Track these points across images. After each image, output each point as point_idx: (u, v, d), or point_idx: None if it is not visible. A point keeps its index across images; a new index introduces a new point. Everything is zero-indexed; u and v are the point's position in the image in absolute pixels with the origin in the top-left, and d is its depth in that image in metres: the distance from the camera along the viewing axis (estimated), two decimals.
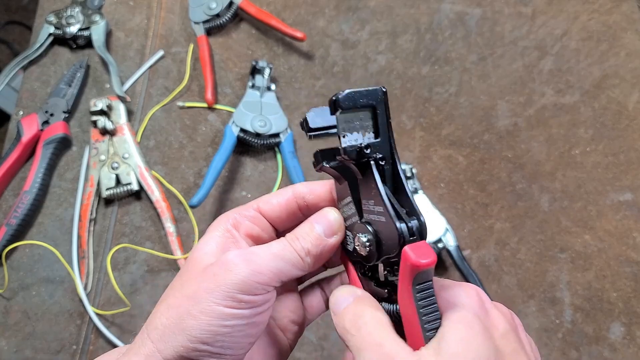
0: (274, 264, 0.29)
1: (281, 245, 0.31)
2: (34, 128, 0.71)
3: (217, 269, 0.29)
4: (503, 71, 0.75)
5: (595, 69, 0.74)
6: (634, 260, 0.64)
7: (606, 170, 0.69)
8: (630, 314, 0.61)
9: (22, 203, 0.67)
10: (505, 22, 0.78)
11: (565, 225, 0.66)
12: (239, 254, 0.30)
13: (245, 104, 0.71)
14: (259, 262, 0.29)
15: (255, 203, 0.34)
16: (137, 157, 0.69)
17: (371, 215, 0.29)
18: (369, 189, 0.29)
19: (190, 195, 0.68)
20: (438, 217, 0.65)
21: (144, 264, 0.65)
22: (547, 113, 0.72)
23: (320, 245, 0.31)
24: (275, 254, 0.30)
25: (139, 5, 0.82)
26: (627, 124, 0.71)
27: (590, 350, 0.60)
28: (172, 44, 0.79)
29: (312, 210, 0.33)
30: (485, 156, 0.70)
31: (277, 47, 0.78)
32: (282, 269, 0.30)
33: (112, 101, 0.71)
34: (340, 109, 0.27)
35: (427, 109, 0.73)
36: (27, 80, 0.77)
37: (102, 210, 0.69)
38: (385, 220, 0.28)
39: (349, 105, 0.27)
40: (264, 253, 0.30)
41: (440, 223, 0.64)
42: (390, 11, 0.80)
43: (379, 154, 0.28)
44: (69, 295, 0.64)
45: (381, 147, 0.28)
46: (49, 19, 0.77)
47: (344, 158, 0.28)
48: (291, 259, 0.30)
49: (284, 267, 0.30)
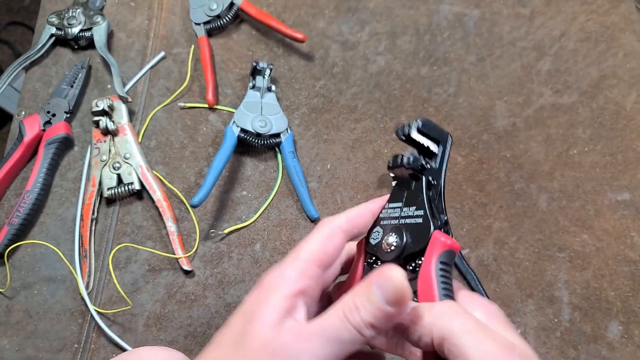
0: (330, 349, 0.27)
1: (337, 322, 0.27)
2: (36, 128, 0.71)
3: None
4: (501, 72, 0.76)
5: (593, 70, 0.75)
6: (632, 259, 0.64)
7: (604, 170, 0.69)
8: (628, 312, 0.62)
9: (24, 202, 0.67)
10: (504, 23, 0.79)
11: (563, 225, 0.66)
12: (294, 340, 0.27)
13: (245, 104, 0.71)
14: (314, 350, 0.27)
15: (299, 254, 0.31)
16: (139, 157, 0.70)
17: (408, 220, 0.35)
18: (415, 197, 0.36)
19: (191, 195, 0.68)
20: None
21: (145, 263, 0.66)
22: (545, 113, 0.73)
23: (384, 318, 0.27)
24: (331, 336, 0.27)
25: (140, 6, 0.82)
26: (625, 124, 0.71)
27: (588, 349, 0.60)
28: (173, 45, 0.79)
29: (356, 236, 0.34)
30: (483, 156, 0.71)
31: (278, 48, 0.79)
32: (340, 351, 0.27)
33: (113, 101, 0.72)
34: (418, 130, 0.36)
35: (426, 110, 0.74)
36: (29, 80, 0.78)
37: (103, 210, 0.69)
38: (421, 221, 0.34)
39: (426, 130, 0.37)
40: (318, 337, 0.27)
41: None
42: (389, 12, 0.81)
43: (431, 175, 0.36)
44: (70, 294, 0.64)
45: (435, 173, 0.36)
46: (51, 20, 0.78)
47: (409, 165, 0.36)
48: (350, 339, 0.27)
49: (342, 348, 0.27)
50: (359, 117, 0.74)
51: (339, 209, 0.68)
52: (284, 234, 0.67)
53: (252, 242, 0.67)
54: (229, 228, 0.67)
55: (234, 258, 0.66)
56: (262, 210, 0.68)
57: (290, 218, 0.68)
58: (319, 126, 0.74)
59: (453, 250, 0.32)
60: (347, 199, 0.69)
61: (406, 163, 0.36)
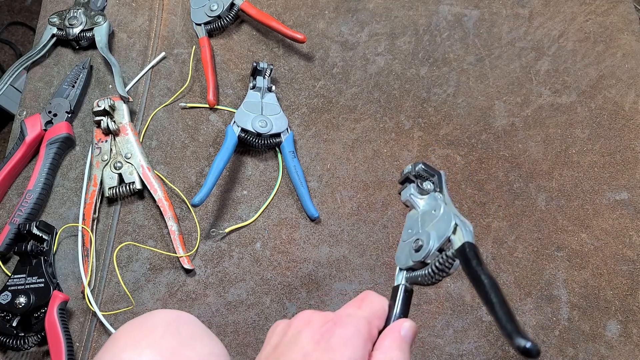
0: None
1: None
2: (38, 128, 0.72)
3: None
4: (500, 72, 0.76)
5: (592, 70, 0.75)
6: (630, 258, 0.64)
7: (602, 169, 0.69)
8: (627, 311, 0.62)
9: (25, 202, 0.67)
10: (503, 24, 0.79)
11: (562, 224, 0.67)
12: None
13: (246, 104, 0.72)
14: None
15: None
16: (140, 157, 0.70)
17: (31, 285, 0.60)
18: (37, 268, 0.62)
19: (192, 194, 0.69)
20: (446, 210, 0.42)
21: (147, 262, 0.66)
22: (544, 113, 0.73)
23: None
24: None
25: (141, 6, 0.83)
26: (624, 124, 0.72)
27: (587, 347, 0.61)
28: (174, 45, 0.80)
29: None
30: (482, 156, 0.71)
31: (278, 48, 0.79)
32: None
33: (114, 101, 0.72)
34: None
35: (425, 110, 0.74)
36: (31, 80, 0.78)
37: (105, 209, 0.69)
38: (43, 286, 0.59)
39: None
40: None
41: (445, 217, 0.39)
42: (389, 13, 0.81)
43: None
44: (72, 293, 0.65)
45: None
46: (52, 20, 0.78)
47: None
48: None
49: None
50: (359, 117, 0.74)
51: (339, 208, 0.68)
52: (284, 233, 0.67)
53: (252, 241, 0.67)
54: (230, 227, 0.67)
55: (234, 257, 0.66)
56: (263, 209, 0.69)
57: (290, 217, 0.68)
58: (319, 126, 0.74)
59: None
60: (346, 199, 0.69)
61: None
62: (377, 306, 0.35)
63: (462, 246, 0.34)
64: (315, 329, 0.33)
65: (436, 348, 0.61)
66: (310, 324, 0.34)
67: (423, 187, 0.42)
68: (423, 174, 0.42)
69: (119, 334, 0.42)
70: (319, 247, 0.66)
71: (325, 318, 0.34)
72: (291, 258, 0.66)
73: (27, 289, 0.62)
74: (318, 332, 0.33)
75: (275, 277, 0.65)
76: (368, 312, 0.35)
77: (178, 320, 0.43)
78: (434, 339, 0.61)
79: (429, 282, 0.36)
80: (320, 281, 0.65)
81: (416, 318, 0.62)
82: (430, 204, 0.40)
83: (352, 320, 0.33)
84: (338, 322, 0.33)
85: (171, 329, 0.42)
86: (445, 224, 0.36)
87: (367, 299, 0.36)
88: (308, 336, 0.33)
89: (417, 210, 0.41)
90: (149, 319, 0.43)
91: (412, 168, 0.42)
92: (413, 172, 0.42)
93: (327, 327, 0.33)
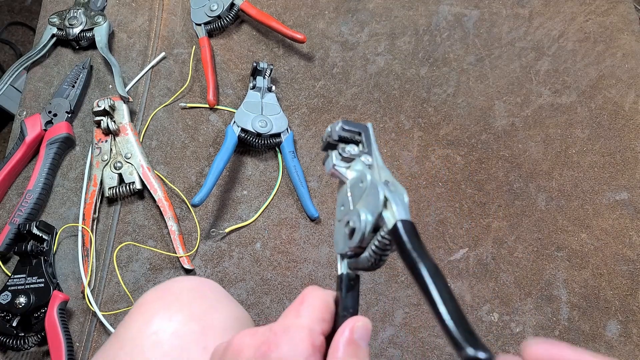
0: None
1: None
2: (38, 128, 0.72)
3: None
4: (500, 72, 0.76)
5: (592, 70, 0.75)
6: (630, 258, 0.64)
7: (602, 169, 0.69)
8: (627, 311, 0.62)
9: (25, 202, 0.67)
10: (503, 24, 0.79)
11: (562, 224, 0.67)
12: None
13: (246, 104, 0.72)
14: None
15: (316, 340, 0.30)
16: (140, 157, 0.70)
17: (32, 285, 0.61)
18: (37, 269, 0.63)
19: (192, 194, 0.69)
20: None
21: (147, 262, 0.66)
22: (544, 113, 0.73)
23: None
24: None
25: (141, 7, 0.83)
26: (624, 124, 0.72)
27: (587, 347, 0.61)
28: (174, 45, 0.80)
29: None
30: (482, 156, 0.71)
31: (278, 48, 0.79)
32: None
33: (114, 101, 0.72)
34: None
35: (425, 110, 0.74)
36: (31, 80, 0.78)
37: (105, 209, 0.69)
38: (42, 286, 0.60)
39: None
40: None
41: (372, 189, 0.33)
42: (389, 13, 0.81)
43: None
44: (72, 293, 0.65)
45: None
46: (52, 20, 0.78)
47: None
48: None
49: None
50: (359, 117, 0.74)
51: None
52: (284, 233, 0.67)
53: (252, 241, 0.67)
54: (230, 227, 0.67)
55: (234, 257, 0.66)
56: (263, 209, 0.69)
57: (290, 217, 0.68)
58: (319, 126, 0.74)
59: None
60: None
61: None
62: (318, 308, 0.31)
63: (394, 227, 0.28)
64: (249, 358, 0.30)
65: (436, 348, 0.61)
66: (241, 354, 0.30)
67: (345, 153, 0.34)
68: (346, 135, 0.34)
69: (146, 300, 0.43)
70: (319, 247, 0.66)
71: (260, 340, 0.30)
72: (291, 258, 0.66)
73: (27, 289, 0.62)
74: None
75: (275, 277, 0.65)
76: (309, 318, 0.30)
77: (202, 286, 0.44)
78: (434, 339, 0.61)
79: (371, 267, 0.32)
80: (320, 281, 0.65)
81: (416, 318, 0.62)
82: (358, 173, 0.33)
83: (289, 338, 0.29)
84: (273, 344, 0.29)
85: (197, 294, 0.43)
86: (374, 198, 0.30)
87: (306, 302, 0.31)
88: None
89: (345, 183, 0.34)
90: (174, 284, 0.44)
91: (330, 130, 0.34)
92: (334, 136, 0.33)
93: (262, 351, 0.29)
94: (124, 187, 0.68)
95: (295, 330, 0.29)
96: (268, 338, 0.29)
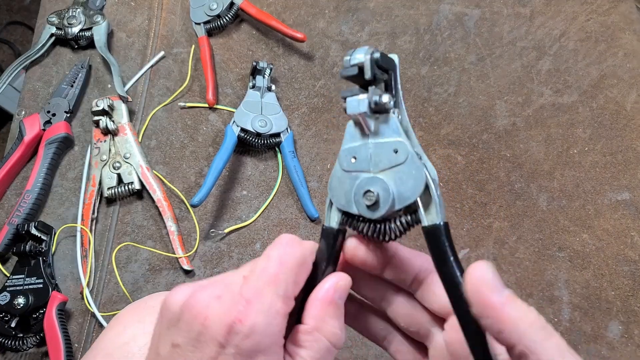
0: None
1: (314, 348, 0.27)
2: (36, 128, 0.71)
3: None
4: (501, 71, 0.76)
5: (594, 69, 0.75)
6: (632, 259, 0.64)
7: (604, 169, 0.69)
8: (628, 312, 0.62)
9: (24, 202, 0.67)
10: (504, 23, 0.79)
11: (563, 225, 0.66)
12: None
13: (245, 104, 0.71)
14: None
15: (280, 288, 0.28)
16: (139, 157, 0.70)
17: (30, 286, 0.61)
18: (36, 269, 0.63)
19: (192, 195, 0.68)
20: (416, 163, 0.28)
21: (146, 263, 0.66)
22: (545, 113, 0.73)
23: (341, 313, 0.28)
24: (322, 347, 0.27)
25: (140, 6, 0.82)
26: (625, 123, 0.71)
27: (588, 348, 0.60)
28: (173, 45, 0.79)
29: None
30: (483, 156, 0.71)
31: (278, 47, 0.79)
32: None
33: (113, 101, 0.72)
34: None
35: (426, 109, 0.74)
36: (29, 80, 0.78)
37: (103, 210, 0.69)
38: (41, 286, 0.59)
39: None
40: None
41: (417, 174, 0.28)
42: (389, 12, 0.81)
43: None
44: (71, 293, 0.64)
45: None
46: (51, 20, 0.78)
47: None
48: (330, 350, 0.27)
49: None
50: None
51: None
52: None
53: (252, 242, 0.67)
54: (229, 228, 0.67)
55: (234, 258, 0.66)
56: (262, 209, 0.68)
57: (290, 218, 0.68)
58: (319, 126, 0.74)
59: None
60: None
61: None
62: (294, 271, 0.28)
63: (437, 229, 0.26)
64: (217, 331, 0.26)
65: None
66: (207, 322, 0.26)
67: (382, 102, 0.27)
68: (376, 74, 0.28)
69: (122, 314, 0.44)
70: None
71: (228, 308, 0.26)
72: None
73: (25, 289, 0.62)
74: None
75: None
76: (284, 285, 0.27)
77: None
78: None
79: (378, 239, 0.29)
80: None
81: None
82: (387, 133, 0.28)
83: (262, 308, 0.26)
84: (244, 315, 0.25)
85: None
86: (412, 180, 0.27)
87: (283, 263, 0.27)
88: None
89: (366, 135, 0.29)
90: (150, 299, 0.45)
91: (364, 60, 0.27)
92: (368, 72, 0.27)
93: (230, 323, 0.25)
94: (122, 187, 0.68)
95: (268, 298, 0.26)
96: (238, 308, 0.26)
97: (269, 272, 0.27)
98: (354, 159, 0.29)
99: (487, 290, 0.24)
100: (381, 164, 0.28)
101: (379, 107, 0.28)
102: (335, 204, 0.30)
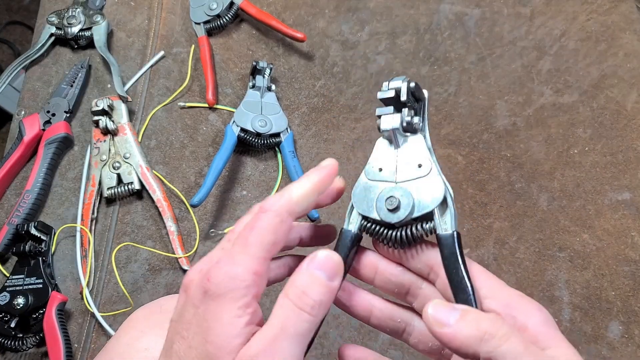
0: (296, 347, 0.26)
1: (291, 314, 0.27)
2: (36, 128, 0.71)
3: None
4: (502, 71, 0.76)
5: (594, 69, 0.75)
6: (632, 259, 0.64)
7: (605, 169, 0.69)
8: (629, 312, 0.62)
9: (24, 202, 0.67)
10: (504, 23, 0.79)
11: (563, 225, 0.66)
12: (262, 351, 0.26)
13: (245, 104, 0.71)
14: (284, 354, 0.26)
15: (249, 249, 0.28)
16: (139, 157, 0.70)
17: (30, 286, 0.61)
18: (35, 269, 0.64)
19: (191, 195, 0.68)
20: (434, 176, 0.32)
21: (146, 263, 0.66)
22: (545, 113, 0.72)
23: (330, 293, 0.28)
24: (293, 333, 0.26)
25: (140, 5, 0.82)
26: (626, 123, 0.71)
27: (588, 348, 0.60)
28: (173, 45, 0.79)
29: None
30: (484, 156, 0.70)
31: (278, 47, 0.79)
32: (304, 342, 0.27)
33: (113, 101, 0.72)
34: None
35: None
36: (29, 80, 0.78)
37: (103, 210, 0.69)
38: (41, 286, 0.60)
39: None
40: (282, 339, 0.26)
41: (438, 186, 0.31)
42: (389, 12, 0.80)
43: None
44: (70, 294, 0.64)
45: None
46: (51, 19, 0.78)
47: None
48: (308, 327, 0.27)
49: (305, 338, 0.27)
50: (359, 117, 0.74)
51: (339, 208, 0.68)
52: None
53: None
54: (229, 228, 0.67)
55: None
56: None
57: None
58: (319, 126, 0.73)
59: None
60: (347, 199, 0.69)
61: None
62: (268, 239, 0.28)
63: (450, 237, 0.29)
64: (194, 291, 0.28)
65: None
66: (191, 284, 0.28)
67: (413, 122, 0.32)
68: (410, 100, 0.32)
69: (137, 317, 0.43)
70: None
71: (203, 270, 0.28)
72: None
73: (25, 289, 0.62)
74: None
75: None
76: (255, 247, 0.28)
77: None
78: None
79: (393, 246, 0.32)
80: None
81: None
82: (412, 149, 0.32)
83: (230, 266, 0.27)
84: (212, 271, 0.27)
85: None
86: (431, 192, 0.30)
87: (256, 228, 0.28)
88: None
89: (394, 149, 0.32)
90: (165, 303, 0.45)
91: (402, 87, 0.31)
92: (405, 95, 0.31)
93: (202, 281, 0.27)
94: (122, 187, 0.68)
95: (235, 258, 0.27)
96: (209, 268, 0.27)
97: (240, 237, 0.28)
98: (380, 170, 0.33)
99: (436, 328, 0.26)
100: (405, 176, 0.31)
101: (409, 127, 0.32)
102: (357, 209, 0.34)
